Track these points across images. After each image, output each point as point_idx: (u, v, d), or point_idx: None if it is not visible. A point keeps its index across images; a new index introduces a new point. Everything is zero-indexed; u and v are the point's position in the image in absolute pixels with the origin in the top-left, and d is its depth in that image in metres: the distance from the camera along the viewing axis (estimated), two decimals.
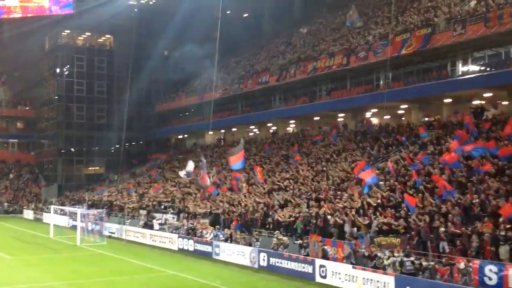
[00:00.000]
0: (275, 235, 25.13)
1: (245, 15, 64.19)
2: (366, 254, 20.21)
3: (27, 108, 67.18)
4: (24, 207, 54.85)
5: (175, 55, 60.24)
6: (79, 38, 63.81)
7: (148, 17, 62.85)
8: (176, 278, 22.70)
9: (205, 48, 53.93)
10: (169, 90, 61.23)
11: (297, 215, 25.70)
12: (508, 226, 17.55)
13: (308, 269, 21.89)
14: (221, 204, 32.67)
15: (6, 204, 56.79)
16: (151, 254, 29.43)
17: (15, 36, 64.56)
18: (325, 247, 22.10)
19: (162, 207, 37.14)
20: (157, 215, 35.62)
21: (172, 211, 35.62)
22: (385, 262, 19.27)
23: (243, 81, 47.90)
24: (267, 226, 27.13)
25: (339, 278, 20.49)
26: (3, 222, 47.56)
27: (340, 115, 40.22)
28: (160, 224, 34.09)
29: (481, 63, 30.00)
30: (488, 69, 29.11)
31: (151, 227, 34.56)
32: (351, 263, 20.54)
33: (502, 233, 17.39)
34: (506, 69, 27.40)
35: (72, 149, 61.10)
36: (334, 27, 45.73)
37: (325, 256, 21.80)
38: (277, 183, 32.22)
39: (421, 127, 29.60)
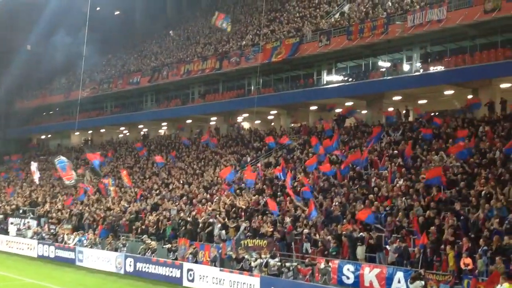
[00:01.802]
0: (143, 240, 24.65)
1: (117, 13, 62.28)
2: (234, 256, 20.51)
3: None
4: None
5: (40, 50, 56.73)
6: None
7: (12, 8, 58.49)
8: (34, 286, 21.38)
9: (73, 44, 51.48)
10: (32, 86, 57.50)
11: (166, 219, 25.42)
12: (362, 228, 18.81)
13: (176, 273, 21.74)
14: (86, 208, 31.32)
15: None
16: (7, 261, 27.43)
17: None
18: (195, 249, 22.11)
19: (21, 211, 34.76)
20: (15, 220, 33.27)
21: (31, 216, 33.46)
22: (252, 264, 19.72)
23: (113, 80, 46.40)
24: (136, 231, 26.53)
25: (207, 282, 20.58)
26: None
27: (212, 118, 40.51)
28: (18, 229, 31.87)
29: (344, 73, 31.89)
30: (349, 79, 31.00)
31: (7, 232, 32.22)
32: (215, 266, 20.78)
33: (359, 234, 18.56)
34: (365, 80, 29.41)
35: None
36: (207, 32, 45.93)
37: (195, 260, 21.80)
38: (145, 186, 31.63)
39: (285, 136, 30.54)
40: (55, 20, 52.76)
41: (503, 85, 26.00)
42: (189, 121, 42.02)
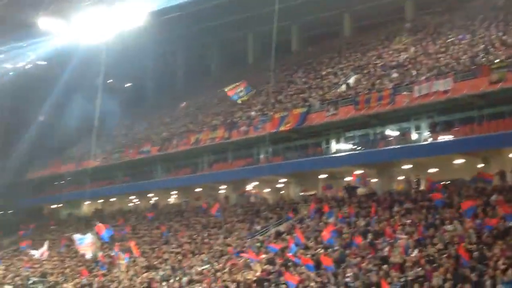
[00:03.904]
0: None
1: (128, 84, 64.08)
2: None
3: None
4: None
5: (52, 121, 58.02)
6: None
7: (26, 81, 60.31)
8: None
9: (84, 115, 52.75)
10: (44, 156, 58.32)
11: None
12: None
13: None
14: (95, 279, 31.04)
15: None
16: None
17: None
18: None
19: (31, 282, 34.46)
20: None
21: (41, 287, 33.14)
22: None
23: (124, 150, 47.09)
24: None
25: None
26: None
27: (221, 187, 40.71)
28: None
29: (352, 142, 32.30)
30: (358, 148, 31.37)
31: None
32: None
33: None
34: (374, 148, 29.75)
35: None
36: (216, 102, 46.99)
37: None
38: (157, 257, 31.47)
39: (293, 209, 30.65)
40: (67, 91, 54.35)
41: None
42: (198, 189, 42.22)
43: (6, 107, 57.33)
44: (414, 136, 29.09)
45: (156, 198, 46.24)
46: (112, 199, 49.92)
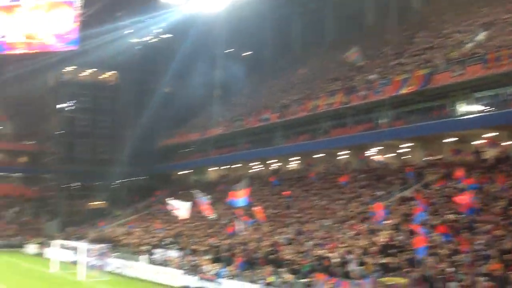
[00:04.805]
0: (279, 273, 25.20)
1: (246, 53, 65.40)
2: None
3: (31, 142, 67.61)
4: (27, 241, 54.64)
5: (177, 91, 61.20)
6: (84, 74, 64.77)
7: (151, 54, 63.97)
8: None
9: (206, 85, 54.92)
10: (171, 125, 61.86)
11: (302, 254, 25.83)
12: None
13: None
14: (224, 241, 32.77)
15: (9, 238, 56.60)
16: None
17: (20, 72, 65.46)
18: (332, 286, 22.18)
19: (164, 243, 37.16)
20: (160, 251, 35.64)
21: (174, 247, 35.64)
22: None
23: (245, 118, 48.48)
24: (271, 264, 27.20)
25: None
26: (6, 256, 47.41)
27: (340, 153, 40.61)
28: (163, 260, 34.09)
29: (482, 103, 30.53)
30: (488, 109, 29.63)
31: (153, 263, 34.55)
32: None
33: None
34: (506, 109, 27.92)
35: (75, 184, 61.35)
36: (334, 66, 46.61)
37: None
38: (281, 220, 32.42)
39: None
40: (190, 62, 56.82)
41: None
42: (317, 155, 42.48)
43: (134, 80, 61.25)
44: None
45: (279, 164, 47.26)
46: (235, 166, 51.84)
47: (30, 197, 65.02)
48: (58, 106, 62.94)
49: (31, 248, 52.30)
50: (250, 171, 50.80)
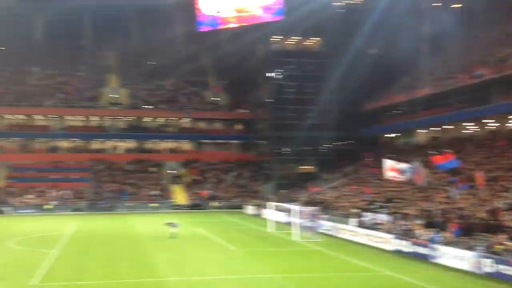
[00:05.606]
0: (499, 241, 23.48)
1: (454, 5, 60.73)
2: None
3: (245, 111, 72.82)
4: (245, 203, 59.37)
5: (382, 52, 59.80)
6: (289, 42, 66.98)
7: (354, 17, 63.28)
8: (393, 279, 22.61)
9: (414, 42, 52.54)
10: (378, 88, 60.86)
11: None
12: None
13: None
14: (438, 205, 31.59)
15: (229, 200, 62.39)
16: (366, 253, 29.64)
17: (231, 45, 70.51)
18: None
19: (374, 206, 37.14)
20: (369, 215, 35.78)
21: (384, 211, 35.44)
22: None
23: (456, 75, 45.40)
24: (489, 231, 25.48)
25: None
26: (228, 216, 52.56)
27: None
28: (372, 223, 34.18)
29: None
30: None
31: (363, 226, 34.85)
32: None
33: None
34: None
35: (286, 149, 64.61)
36: None
37: None
38: (501, 184, 30.03)
39: None
40: (393, 22, 54.88)
41: None
42: None
43: (338, 44, 61.16)
44: None
45: (496, 125, 43.54)
46: (446, 127, 49.18)
47: (247, 162, 70.36)
48: (267, 75, 66.33)
49: (249, 209, 56.76)
50: (463, 131, 47.76)
